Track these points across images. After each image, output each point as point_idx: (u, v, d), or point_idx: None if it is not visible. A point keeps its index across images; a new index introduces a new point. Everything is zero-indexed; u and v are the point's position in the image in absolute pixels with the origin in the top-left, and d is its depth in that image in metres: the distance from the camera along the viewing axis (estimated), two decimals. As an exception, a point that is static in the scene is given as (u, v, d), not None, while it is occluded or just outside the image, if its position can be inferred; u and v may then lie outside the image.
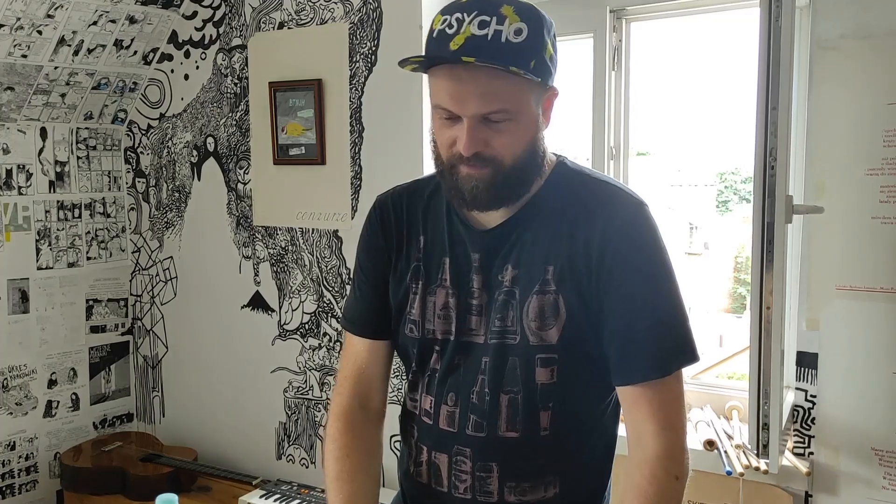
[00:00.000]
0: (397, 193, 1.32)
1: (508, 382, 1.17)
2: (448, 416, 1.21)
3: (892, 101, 1.64)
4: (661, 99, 2.40)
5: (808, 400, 1.82)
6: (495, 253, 1.19)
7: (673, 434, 1.13)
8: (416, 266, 1.25)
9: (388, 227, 1.29)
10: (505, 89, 1.09)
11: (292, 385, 2.58)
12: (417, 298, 1.24)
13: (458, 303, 1.21)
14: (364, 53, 2.30)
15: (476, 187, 1.13)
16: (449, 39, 1.08)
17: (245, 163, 2.61)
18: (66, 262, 2.75)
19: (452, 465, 1.21)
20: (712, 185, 12.24)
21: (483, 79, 1.07)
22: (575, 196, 1.18)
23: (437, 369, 1.23)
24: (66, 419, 2.79)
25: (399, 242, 1.28)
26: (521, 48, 1.08)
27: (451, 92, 1.09)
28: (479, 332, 1.19)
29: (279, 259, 2.57)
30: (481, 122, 1.10)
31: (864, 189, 1.68)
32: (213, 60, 2.64)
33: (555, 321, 1.15)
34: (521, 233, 1.18)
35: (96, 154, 2.83)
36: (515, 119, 1.11)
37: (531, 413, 1.17)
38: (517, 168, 1.13)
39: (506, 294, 1.17)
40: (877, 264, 1.69)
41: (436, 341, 1.23)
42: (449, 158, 1.14)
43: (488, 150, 1.11)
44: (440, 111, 1.13)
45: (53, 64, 2.49)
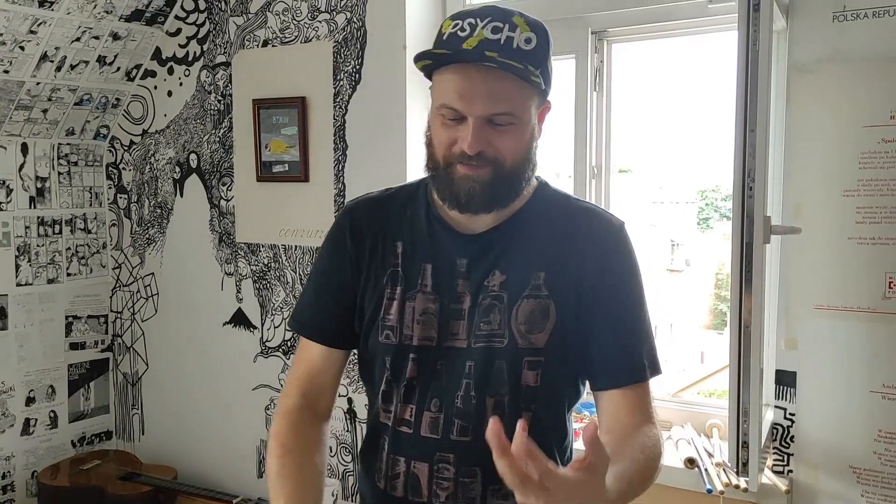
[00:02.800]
0: (370, 199, 1.32)
1: (494, 385, 1.18)
2: (431, 422, 1.20)
3: (868, 123, 1.67)
4: (642, 118, 2.43)
5: (787, 418, 1.83)
6: (483, 258, 1.21)
7: (654, 425, 1.18)
8: (394, 271, 1.24)
9: (358, 232, 1.28)
10: (512, 93, 1.12)
11: (274, 403, 2.56)
12: (395, 304, 1.22)
13: (441, 308, 1.20)
14: (348, 72, 2.31)
15: (473, 188, 1.14)
16: (462, 41, 1.11)
17: (228, 179, 2.61)
18: (46, 279, 2.73)
19: (433, 474, 1.20)
20: (693, 202, 12.35)
21: (493, 80, 1.10)
22: (560, 213, 1.23)
23: (413, 377, 1.21)
24: (43, 437, 2.75)
25: (372, 248, 1.27)
26: (531, 56, 1.12)
27: (460, 91, 1.11)
28: (461, 336, 1.20)
29: (262, 276, 2.56)
30: (485, 123, 1.12)
31: (841, 210, 1.71)
32: (196, 77, 2.64)
33: (544, 325, 1.18)
34: (509, 240, 1.21)
35: (77, 170, 2.81)
36: (518, 123, 1.14)
37: (514, 415, 1.18)
38: (514, 171, 1.16)
39: (492, 298, 1.19)
40: (853, 284, 1.71)
41: (412, 348, 1.21)
42: (447, 158, 1.15)
43: (491, 150, 1.13)
44: (445, 111, 1.14)
45: (35, 80, 2.48)
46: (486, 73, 1.10)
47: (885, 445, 1.70)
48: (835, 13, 1.69)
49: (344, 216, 1.32)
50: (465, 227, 1.23)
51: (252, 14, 2.49)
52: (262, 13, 2.47)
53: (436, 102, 1.17)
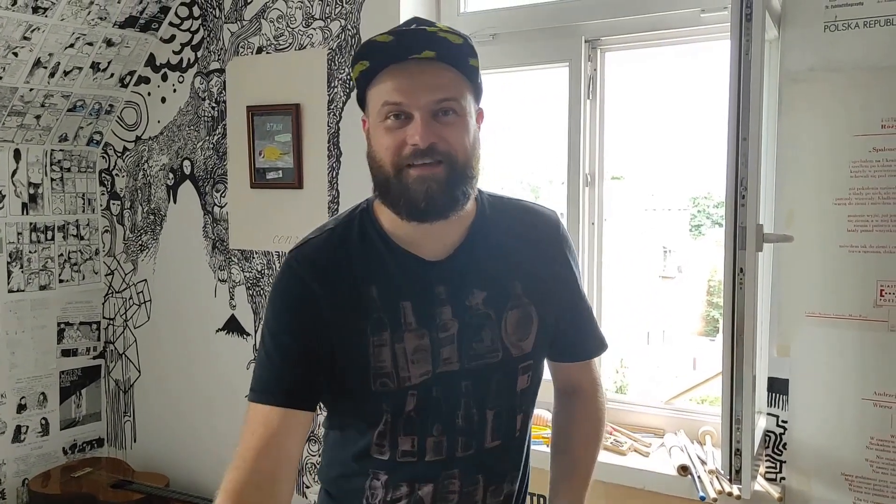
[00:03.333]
0: (319, 245, 1.21)
1: (493, 398, 1.22)
2: (435, 446, 1.20)
3: (859, 132, 1.68)
4: (635, 126, 2.44)
5: (779, 425, 1.84)
6: (459, 281, 1.19)
7: (599, 384, 1.40)
8: (377, 318, 1.17)
9: (325, 280, 1.17)
10: (451, 82, 1.13)
11: (267, 410, 2.55)
12: (385, 350, 1.16)
13: (431, 341, 1.17)
14: (342, 79, 2.31)
15: (430, 188, 1.11)
16: (398, 45, 1.11)
17: (222, 186, 2.60)
18: (38, 285, 2.72)
19: (439, 491, 1.21)
20: (685, 209, 12.38)
21: (432, 72, 1.12)
22: (506, 218, 1.26)
23: (412, 410, 1.18)
24: (35, 444, 2.74)
25: (340, 298, 1.16)
26: (463, 50, 1.14)
27: (401, 86, 1.11)
28: (452, 360, 1.19)
29: (255, 283, 2.56)
30: (431, 118, 1.11)
31: (833, 218, 1.72)
32: (190, 84, 2.64)
33: (529, 330, 1.23)
34: (477, 257, 1.21)
35: (70, 176, 2.81)
36: (462, 114, 1.14)
37: (511, 419, 1.24)
38: (466, 167, 1.14)
39: (479, 317, 1.19)
40: (845, 292, 1.72)
41: (411, 387, 1.17)
42: (396, 164, 1.12)
43: (442, 143, 1.11)
44: (388, 108, 1.12)
45: (29, 86, 2.48)
46: (425, 65, 1.12)
47: (876, 452, 1.71)
48: (826, 23, 1.71)
49: (292, 270, 1.19)
50: (431, 253, 1.19)
51: (246, 21, 2.49)
52: (256, 20, 2.47)
53: (375, 108, 1.15)
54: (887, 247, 1.67)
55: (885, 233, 1.67)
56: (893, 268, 1.67)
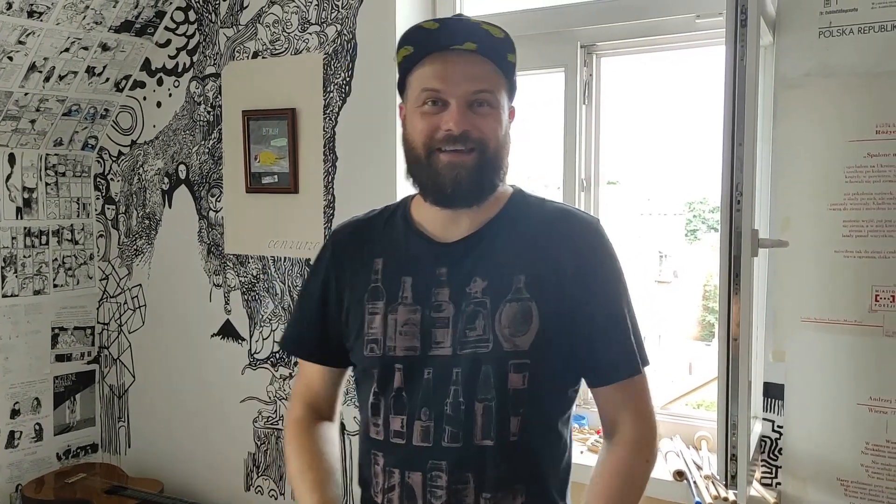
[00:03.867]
0: (353, 222, 1.38)
1: (482, 390, 1.19)
2: (423, 431, 1.21)
3: (854, 138, 1.69)
4: (630, 130, 2.45)
5: (775, 430, 1.84)
6: (461, 266, 1.22)
7: (645, 423, 1.25)
8: (374, 287, 1.26)
9: (339, 256, 1.33)
10: (489, 75, 1.19)
11: (262, 415, 2.55)
12: (378, 318, 1.24)
13: (423, 318, 1.22)
14: (338, 84, 2.31)
15: (459, 174, 1.17)
16: (443, 33, 1.18)
17: (217, 191, 2.60)
18: (32, 290, 2.71)
19: (427, 483, 1.20)
20: (681, 213, 12.39)
21: (471, 63, 1.18)
22: (535, 216, 1.26)
23: (401, 388, 1.22)
24: (28, 450, 2.72)
25: (353, 268, 1.30)
26: (504, 45, 1.20)
27: (441, 74, 1.18)
28: (445, 344, 1.20)
29: (250, 287, 2.55)
30: (467, 108, 1.17)
31: (828, 223, 1.72)
32: (186, 88, 2.64)
33: (527, 327, 1.19)
34: (486, 246, 1.23)
35: (65, 180, 2.80)
36: (495, 106, 1.19)
37: (503, 419, 1.19)
38: (496, 157, 1.20)
39: (475, 304, 1.20)
40: (840, 297, 1.72)
41: (397, 359, 1.22)
42: (428, 146, 1.18)
43: (475, 132, 1.17)
44: (427, 94, 1.19)
45: (24, 90, 2.47)
46: (465, 56, 1.18)
47: (872, 458, 1.71)
48: (821, 28, 1.71)
49: (328, 241, 1.38)
50: (444, 235, 1.25)
51: (242, 26, 2.49)
52: (252, 25, 2.47)
53: (414, 93, 1.21)
54: (882, 252, 1.67)
55: (880, 238, 1.67)
56: (888, 273, 1.67)
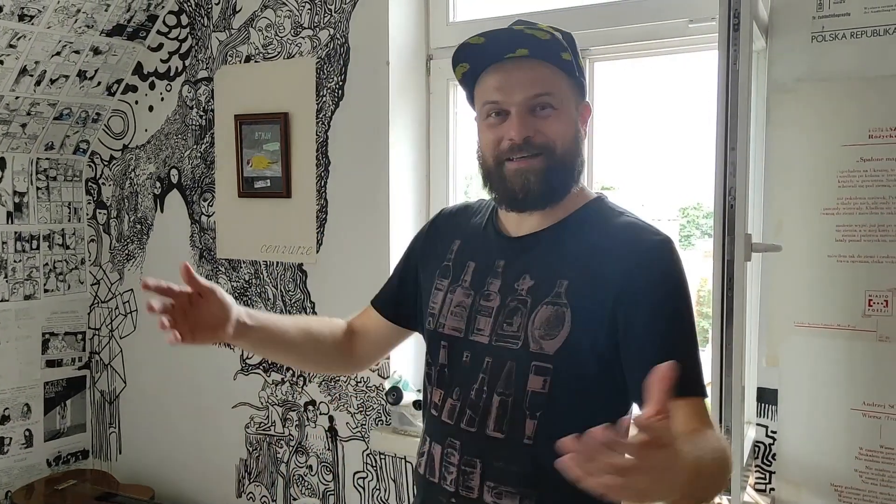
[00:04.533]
0: (456, 206, 1.47)
1: (503, 384, 1.21)
2: (450, 408, 1.26)
3: (847, 142, 1.69)
4: (624, 135, 2.45)
5: (768, 436, 1.83)
6: (517, 261, 1.25)
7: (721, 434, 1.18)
8: (446, 266, 1.34)
9: (435, 233, 1.42)
10: (547, 77, 1.20)
11: (254, 421, 2.54)
12: (441, 294, 1.32)
13: (472, 303, 1.27)
14: (331, 88, 2.30)
15: (527, 180, 1.19)
16: (492, 45, 1.20)
17: (209, 195, 2.59)
18: (23, 295, 2.69)
19: (444, 457, 1.26)
20: (674, 219, 12.42)
21: (527, 68, 1.19)
22: (603, 224, 1.25)
23: (444, 364, 1.29)
24: (18, 456, 2.70)
25: (439, 247, 1.38)
26: (559, 46, 1.20)
27: (498, 85, 1.20)
28: (484, 332, 1.24)
29: (243, 292, 2.54)
30: (528, 113, 1.19)
31: (821, 228, 1.72)
32: (178, 92, 2.63)
33: (557, 333, 1.18)
34: (545, 247, 1.24)
35: (56, 185, 2.78)
36: (559, 108, 1.20)
37: (518, 418, 1.20)
38: (566, 158, 1.21)
39: (518, 301, 1.22)
40: (833, 302, 1.72)
41: (443, 336, 1.29)
42: (497, 157, 1.21)
43: (538, 136, 1.19)
44: (488, 106, 1.21)
45: (14, 94, 2.46)
46: (520, 63, 1.19)
47: (866, 463, 1.70)
48: (813, 33, 1.71)
49: (432, 218, 1.48)
50: (513, 231, 1.29)
51: (235, 30, 2.48)
52: (244, 29, 2.46)
53: (479, 108, 1.25)
54: (875, 256, 1.67)
55: (873, 242, 1.67)
56: (881, 277, 1.67)
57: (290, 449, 2.47)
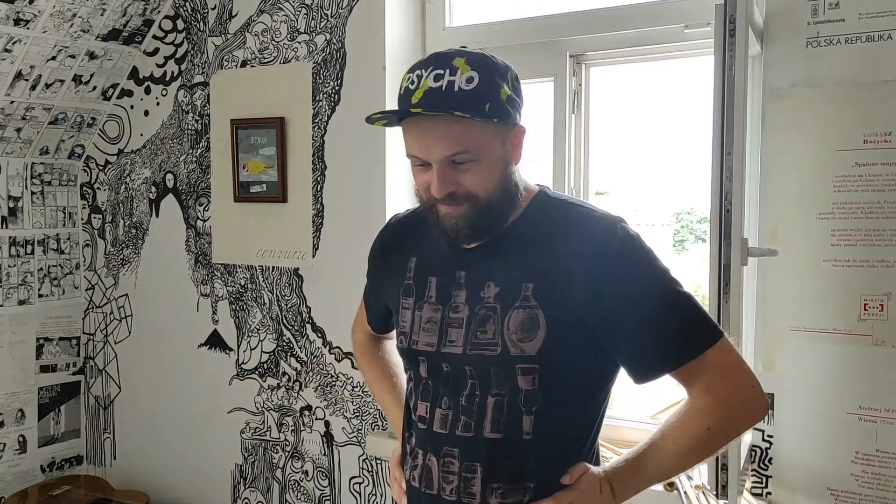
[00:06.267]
0: (398, 219, 1.48)
1: (496, 386, 1.24)
2: (442, 418, 1.28)
3: (842, 147, 1.70)
4: (619, 140, 2.45)
5: (765, 440, 1.84)
6: (478, 270, 1.28)
7: (710, 396, 1.20)
8: (407, 284, 1.36)
9: (385, 247, 1.45)
10: (464, 133, 1.18)
11: (250, 426, 2.53)
12: (408, 313, 1.34)
13: (442, 317, 1.29)
14: (327, 93, 2.30)
15: (456, 224, 1.23)
16: (411, 95, 1.19)
17: (205, 200, 2.58)
18: (17, 300, 2.68)
19: (442, 467, 1.27)
20: (669, 224, 12.43)
21: (442, 126, 1.18)
22: (552, 220, 1.27)
23: (427, 377, 1.31)
24: (12, 462, 2.69)
25: (393, 263, 1.41)
26: (474, 94, 1.17)
27: (417, 140, 1.22)
28: (457, 343, 1.26)
29: (238, 297, 2.53)
30: (449, 166, 1.20)
31: (817, 232, 1.73)
32: (174, 97, 2.63)
33: (535, 334, 1.21)
34: (503, 252, 1.26)
35: (51, 189, 2.77)
36: (479, 159, 1.20)
37: (515, 416, 1.23)
38: (492, 202, 1.22)
39: (487, 309, 1.25)
40: (829, 306, 1.72)
41: (419, 353, 1.31)
42: (429, 200, 1.25)
43: (460, 188, 1.21)
44: (412, 159, 1.24)
45: (9, 98, 2.45)
46: (436, 120, 1.18)
47: (861, 467, 1.71)
48: (808, 39, 1.72)
49: (378, 235, 1.49)
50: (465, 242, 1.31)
51: (231, 34, 2.48)
52: (240, 33, 2.46)
53: (406, 152, 1.26)
54: (870, 261, 1.68)
55: (868, 247, 1.68)
56: (876, 282, 1.68)
57: (286, 454, 2.47)
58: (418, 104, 1.18)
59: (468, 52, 1.21)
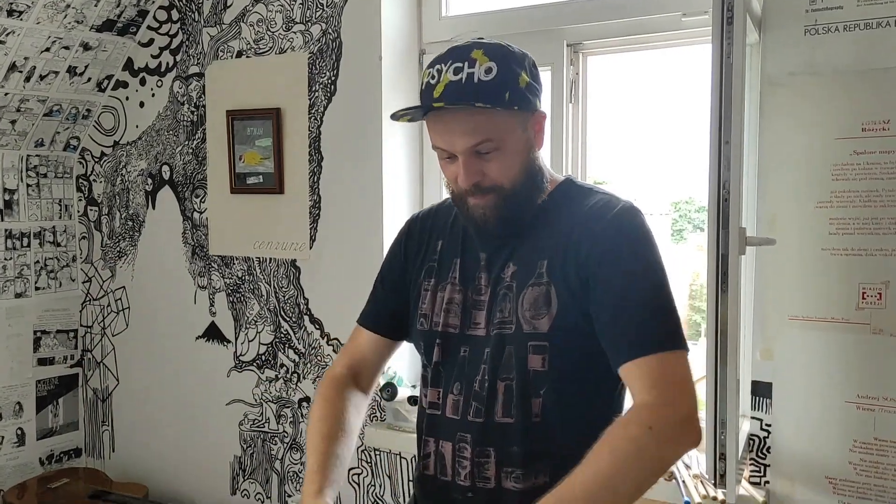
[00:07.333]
0: (428, 210, 1.49)
1: (505, 370, 1.26)
2: (454, 404, 1.30)
3: (840, 136, 1.69)
4: (617, 129, 2.44)
5: (763, 429, 1.84)
6: (500, 253, 1.31)
7: (656, 392, 1.14)
8: (431, 266, 1.38)
9: (410, 240, 1.44)
10: (486, 123, 1.22)
11: (248, 417, 2.53)
12: (429, 294, 1.36)
13: (464, 298, 1.32)
14: (323, 83, 2.29)
15: (484, 214, 1.26)
16: (433, 89, 1.22)
17: (201, 191, 2.58)
18: (14, 293, 2.68)
19: (456, 453, 1.29)
20: (667, 213, 12.42)
21: (464, 118, 1.22)
22: (574, 206, 1.30)
23: (439, 362, 1.32)
24: (10, 455, 2.69)
25: (419, 251, 1.41)
26: (493, 84, 1.20)
27: (441, 133, 1.24)
28: (481, 324, 1.29)
29: (236, 289, 2.53)
30: (473, 156, 1.23)
31: (815, 221, 1.72)
32: (169, 88, 2.61)
33: (547, 311, 1.24)
34: (524, 236, 1.30)
35: (47, 182, 2.76)
36: (502, 147, 1.23)
37: (524, 400, 1.25)
38: (517, 190, 1.26)
39: (506, 288, 1.28)
40: (827, 295, 1.72)
41: (437, 335, 1.33)
42: (458, 192, 1.28)
43: (486, 179, 1.24)
44: (439, 152, 1.27)
45: (4, 90, 2.44)
46: (458, 113, 1.22)
47: (860, 455, 1.71)
48: (806, 27, 1.71)
49: (404, 226, 1.49)
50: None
51: (226, 25, 2.47)
52: (236, 24, 2.45)
53: (432, 145, 1.29)
54: (869, 250, 1.67)
55: (867, 235, 1.67)
56: (875, 270, 1.67)
57: (285, 446, 2.47)
58: (440, 98, 1.20)
59: (485, 43, 1.24)
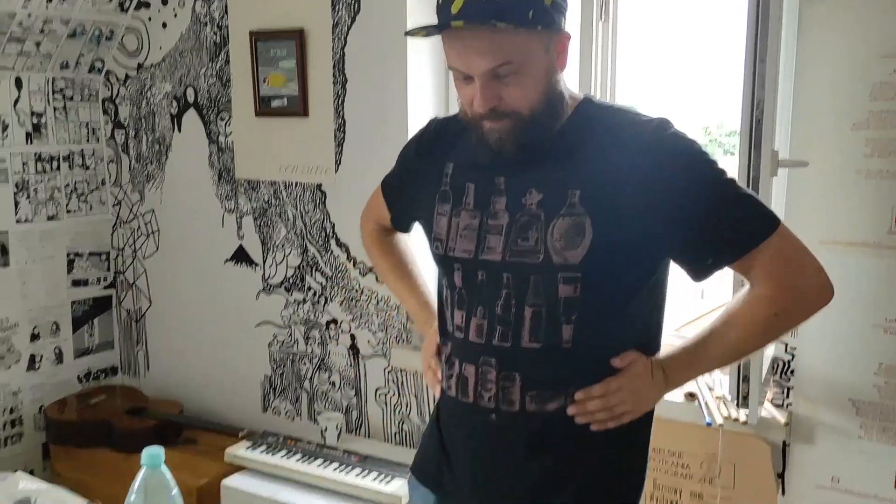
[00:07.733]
0: (440, 121, 1.44)
1: (532, 296, 1.22)
2: (477, 328, 1.28)
3: (882, 54, 1.63)
4: (648, 49, 2.37)
5: (787, 352, 1.84)
6: (519, 177, 1.24)
7: (774, 283, 1.20)
8: (444, 191, 1.33)
9: (422, 150, 1.42)
10: (507, 43, 1.14)
11: (277, 339, 2.58)
12: (444, 219, 1.32)
13: (480, 223, 1.27)
14: (347, 2, 2.24)
15: (500, 139, 1.20)
16: (450, 3, 1.14)
17: (226, 114, 2.57)
18: (46, 216, 2.72)
19: (479, 376, 1.28)
20: (697, 138, 12.20)
21: (483, 37, 1.14)
22: (597, 127, 1.24)
23: (461, 286, 1.30)
24: (49, 373, 2.78)
25: (428, 166, 1.38)
26: (516, 1, 1.13)
27: (458, 53, 1.17)
28: (496, 250, 1.25)
29: (262, 213, 2.54)
30: (491, 79, 1.16)
31: (849, 142, 1.68)
32: (191, 8, 2.57)
33: (580, 242, 1.19)
34: (544, 159, 1.23)
35: (73, 105, 2.77)
36: (522, 70, 1.16)
37: (553, 325, 1.22)
38: (536, 116, 1.19)
39: (529, 216, 1.23)
40: (859, 218, 1.69)
41: (456, 259, 1.30)
42: (473, 114, 1.21)
43: (503, 104, 1.17)
44: (454, 72, 1.20)
45: (27, 11, 2.42)
46: (477, 31, 1.13)
47: (884, 378, 1.71)
48: (851, -64, 1.63)
49: (416, 134, 1.47)
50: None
51: (247, -59, 2.41)
52: (257, -60, 2.38)
53: (447, 64, 1.23)
54: (905, 172, 1.63)
55: (904, 157, 1.63)
56: (910, 193, 1.63)
57: (313, 366, 2.52)
58: (458, 15, 1.12)
59: None
